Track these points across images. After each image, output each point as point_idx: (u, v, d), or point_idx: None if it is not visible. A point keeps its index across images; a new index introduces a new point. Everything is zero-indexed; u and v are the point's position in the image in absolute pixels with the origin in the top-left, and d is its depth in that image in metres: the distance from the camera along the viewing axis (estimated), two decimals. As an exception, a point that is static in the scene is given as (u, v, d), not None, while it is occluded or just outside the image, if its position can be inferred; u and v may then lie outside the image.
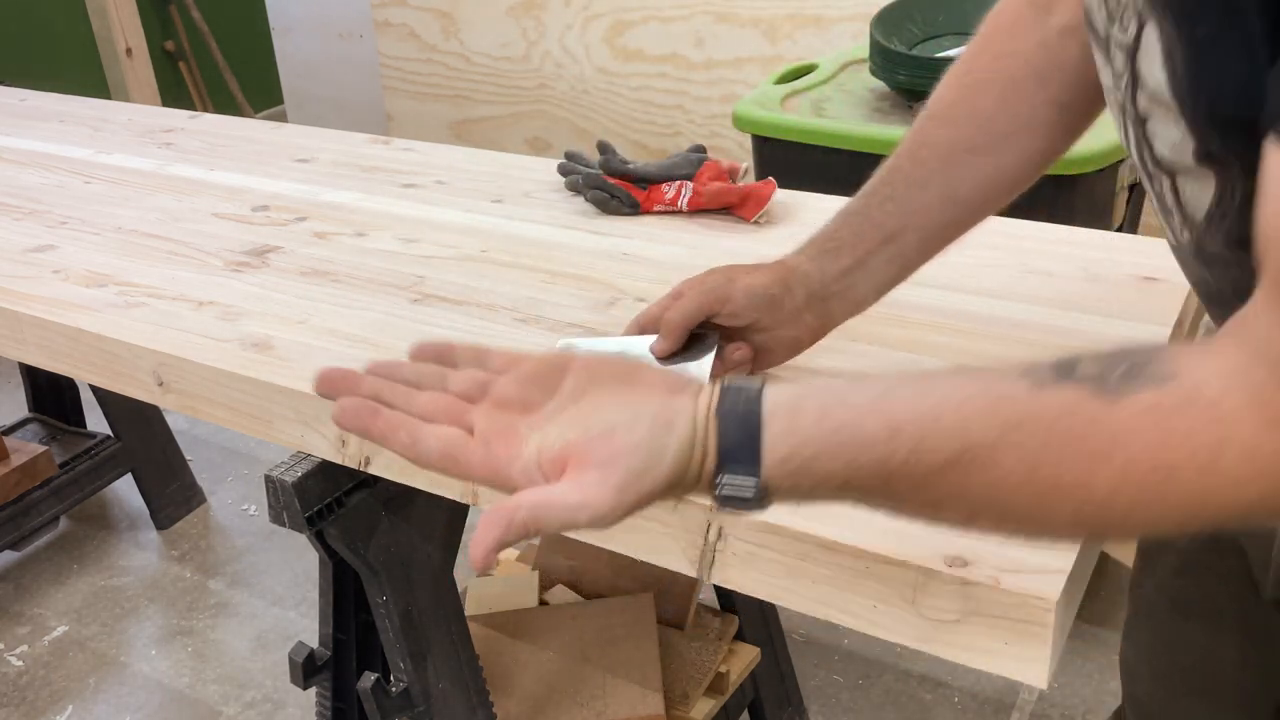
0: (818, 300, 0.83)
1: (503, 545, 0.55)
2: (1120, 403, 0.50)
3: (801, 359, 0.88)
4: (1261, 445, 0.48)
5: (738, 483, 0.56)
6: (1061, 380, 0.52)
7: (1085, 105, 0.81)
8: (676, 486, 0.57)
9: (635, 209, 1.27)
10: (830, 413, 0.55)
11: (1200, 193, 0.60)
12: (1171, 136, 0.59)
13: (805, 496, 0.57)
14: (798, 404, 0.56)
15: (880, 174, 0.86)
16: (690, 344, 0.83)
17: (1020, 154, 0.83)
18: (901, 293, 1.04)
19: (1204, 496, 0.49)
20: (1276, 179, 0.49)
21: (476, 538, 0.55)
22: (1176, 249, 0.67)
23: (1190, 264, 0.67)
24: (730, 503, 0.57)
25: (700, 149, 1.32)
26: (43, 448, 2.20)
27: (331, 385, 0.64)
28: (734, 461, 0.56)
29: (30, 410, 2.43)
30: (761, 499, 0.57)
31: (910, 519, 0.57)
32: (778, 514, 0.71)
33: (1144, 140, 0.62)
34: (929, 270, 1.08)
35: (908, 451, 0.53)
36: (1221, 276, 0.63)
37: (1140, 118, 0.61)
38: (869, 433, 0.54)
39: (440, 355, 0.67)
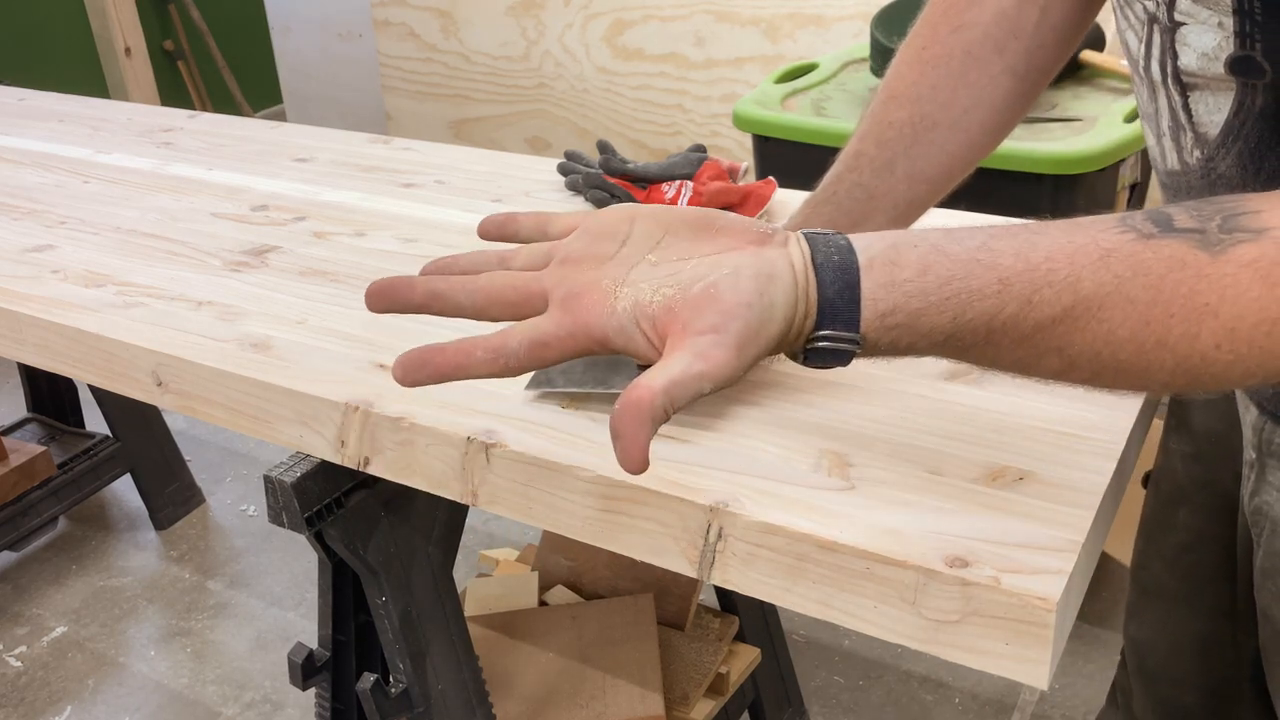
0: None
1: (651, 437, 0.52)
2: (1224, 257, 0.50)
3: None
4: None
5: (839, 337, 0.55)
6: (1164, 233, 0.51)
7: (1041, 71, 0.82)
8: (783, 340, 0.55)
9: (635, 209, 1.26)
10: (931, 266, 0.53)
11: (1216, 107, 0.60)
12: (1205, 44, 0.58)
13: (901, 352, 0.56)
14: (895, 255, 0.54)
15: (845, 160, 0.85)
16: None
17: (980, 126, 0.83)
18: (902, 292, 1.04)
19: None
20: None
21: (626, 444, 0.52)
22: (1179, 174, 0.67)
23: (1191, 189, 0.67)
24: (828, 358, 0.56)
25: (700, 149, 1.32)
26: (42, 448, 2.20)
27: (383, 298, 0.60)
28: (834, 316, 0.54)
29: (29, 410, 2.42)
30: (860, 352, 0.55)
31: (993, 369, 0.56)
32: (778, 514, 0.71)
33: (1169, 50, 0.62)
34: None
35: (1018, 305, 0.52)
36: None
37: (1173, 25, 0.61)
38: (976, 286, 0.52)
39: (503, 227, 0.64)
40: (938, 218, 1.21)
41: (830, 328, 0.55)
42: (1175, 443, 0.94)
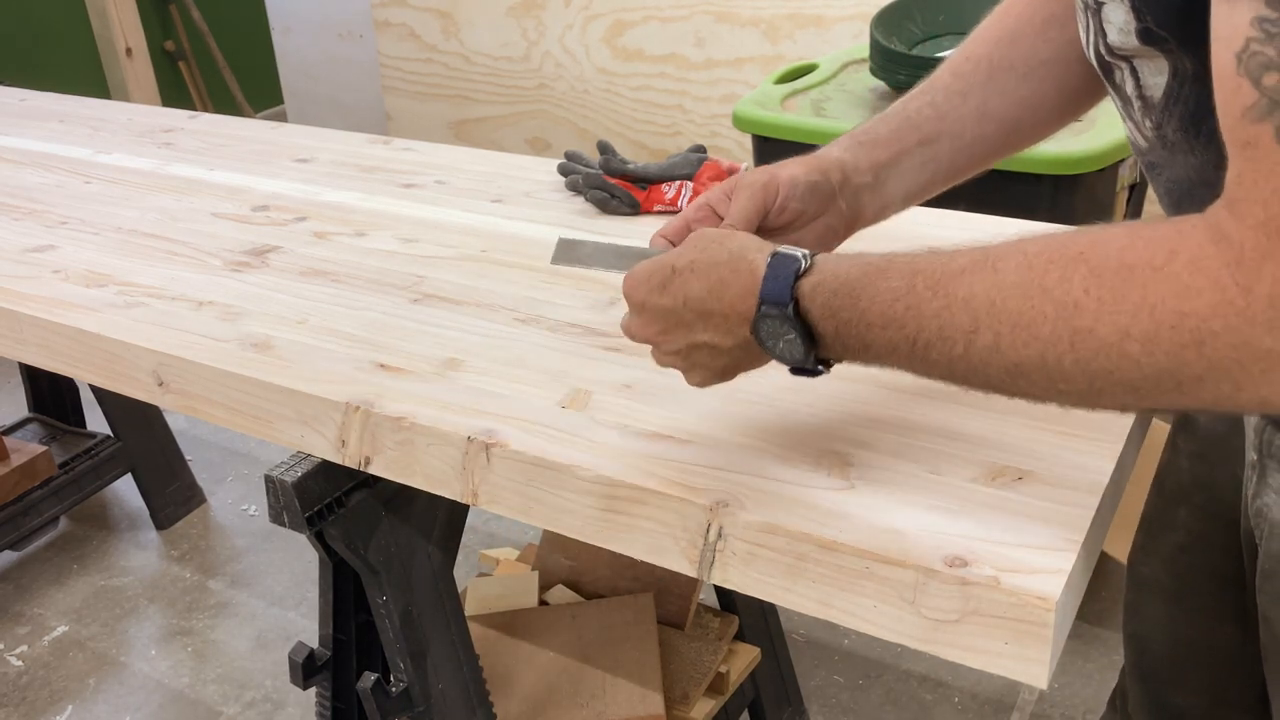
0: (850, 188, 0.83)
1: None
2: (1110, 228, 0.56)
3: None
4: (1207, 256, 0.52)
5: (790, 249, 0.67)
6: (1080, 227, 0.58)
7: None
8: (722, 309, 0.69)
9: (635, 209, 1.27)
10: (868, 254, 0.65)
11: (1156, 75, 0.64)
12: (1118, 19, 0.63)
13: (838, 285, 0.64)
14: (838, 257, 0.66)
15: (921, 85, 0.87)
16: None
17: (1055, 84, 0.85)
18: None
19: (1159, 300, 0.52)
20: (1219, 34, 0.52)
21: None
22: (1147, 151, 0.71)
23: (1161, 163, 0.70)
24: (777, 267, 0.66)
25: (700, 149, 1.32)
26: (43, 448, 2.20)
27: None
28: (768, 294, 0.66)
29: (30, 410, 2.42)
30: (807, 266, 0.65)
31: (927, 343, 0.61)
32: (778, 514, 0.72)
33: (1100, 30, 0.66)
34: (929, 270, 1.08)
35: (938, 256, 0.61)
36: (1185, 165, 0.67)
37: (1097, 6, 0.65)
38: (902, 253, 0.64)
39: None
40: (938, 219, 1.21)
41: (766, 298, 0.66)
42: (1182, 441, 0.94)
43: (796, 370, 0.69)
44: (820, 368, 0.68)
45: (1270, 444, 0.77)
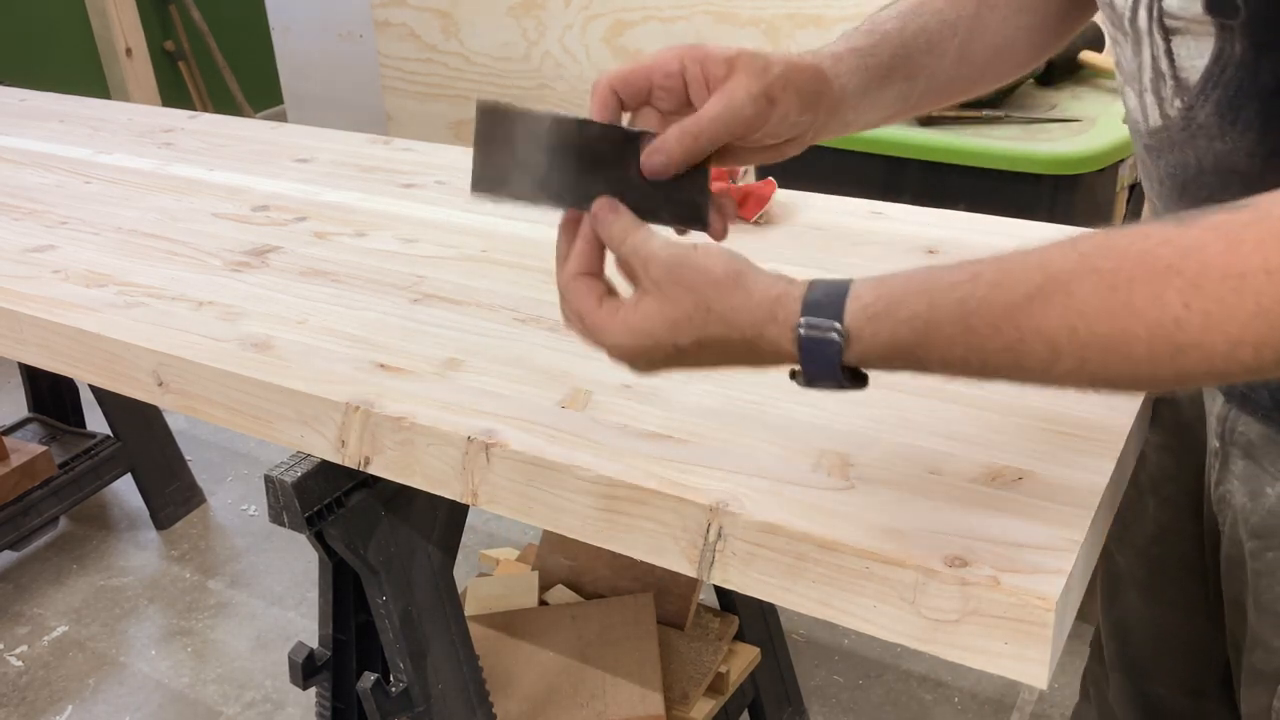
0: (829, 105, 0.75)
1: None
2: (1191, 224, 0.51)
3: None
4: None
5: (820, 324, 0.59)
6: (1134, 225, 0.53)
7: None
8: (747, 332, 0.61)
9: (635, 209, 1.26)
10: (914, 274, 0.58)
11: (1197, 53, 0.62)
12: None
13: (888, 349, 0.58)
14: (887, 274, 0.59)
15: (910, 3, 0.82)
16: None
17: (1028, 36, 0.83)
18: (901, 293, 1.04)
19: (1273, 304, 0.49)
20: None
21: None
22: (1160, 130, 0.68)
23: (1170, 146, 0.68)
24: (815, 351, 0.59)
25: (700, 149, 1.32)
26: (42, 448, 2.20)
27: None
28: (817, 309, 0.59)
29: (30, 410, 2.42)
30: (844, 346, 0.58)
31: (994, 375, 0.57)
32: (778, 514, 0.72)
33: None
34: (929, 270, 1.08)
35: (989, 287, 0.55)
36: (1205, 151, 0.65)
37: None
38: (951, 277, 0.57)
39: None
40: (938, 218, 1.21)
41: (811, 315, 0.59)
42: (1150, 433, 0.94)
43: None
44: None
45: (1233, 430, 0.77)
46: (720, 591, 1.58)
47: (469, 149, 0.71)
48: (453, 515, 1.10)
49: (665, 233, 0.69)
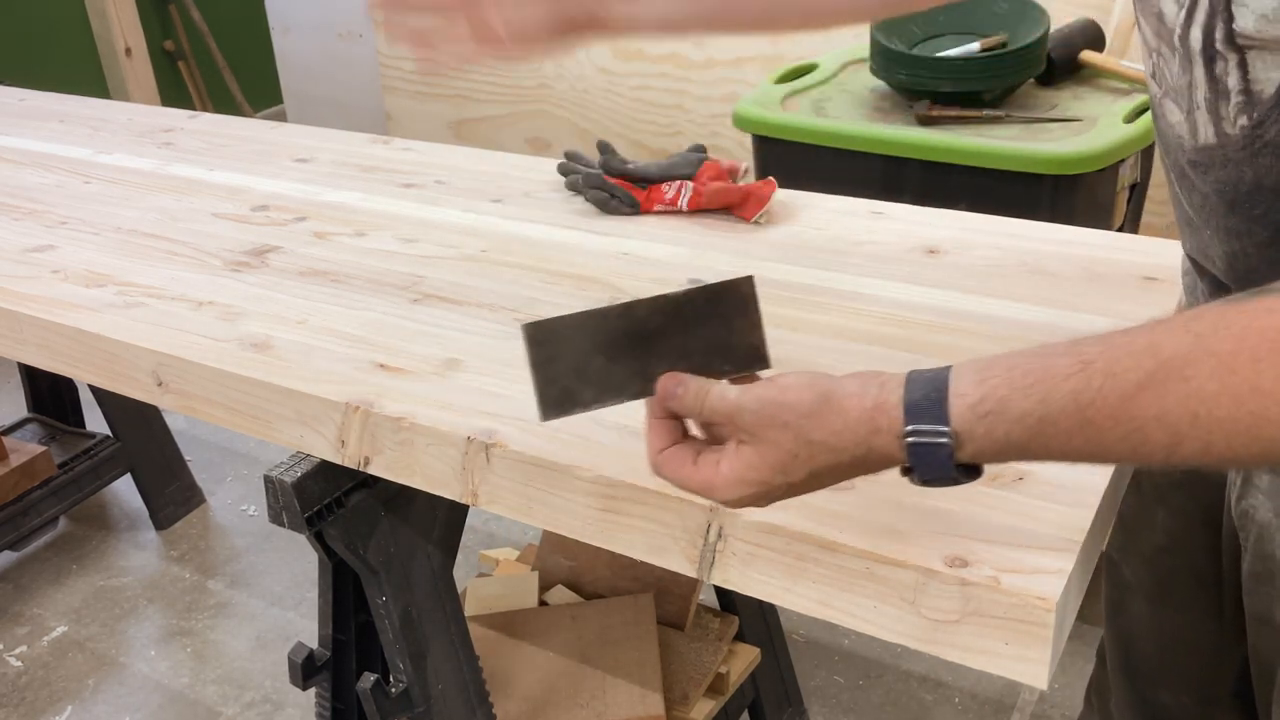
0: None
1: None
2: None
3: (805, 358, 0.87)
4: None
5: (927, 431, 0.56)
6: (1251, 296, 0.52)
7: None
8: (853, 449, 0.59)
9: (635, 209, 1.27)
10: (1017, 364, 0.56)
11: (1273, 68, 0.60)
12: (1264, 5, 0.58)
13: (1007, 449, 0.56)
14: (985, 362, 0.57)
15: None
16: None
17: None
18: (903, 292, 1.04)
19: None
20: None
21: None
22: (1214, 148, 0.66)
23: (1228, 161, 0.66)
24: (924, 456, 0.56)
25: (700, 149, 1.32)
26: (42, 448, 2.20)
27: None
28: (919, 414, 0.56)
29: (30, 410, 2.42)
30: (956, 448, 0.56)
31: (1118, 460, 0.56)
32: (778, 514, 0.71)
33: (1223, 11, 0.61)
34: (929, 270, 1.08)
35: (1102, 378, 0.53)
36: (1268, 168, 0.63)
37: None
38: (1060, 368, 0.54)
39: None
40: (938, 218, 1.21)
41: (916, 423, 0.57)
42: None
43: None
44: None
45: None
46: (720, 591, 1.58)
47: (469, 148, 0.72)
48: (453, 515, 1.10)
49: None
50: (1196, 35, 0.64)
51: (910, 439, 0.57)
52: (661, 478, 0.67)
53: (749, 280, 0.68)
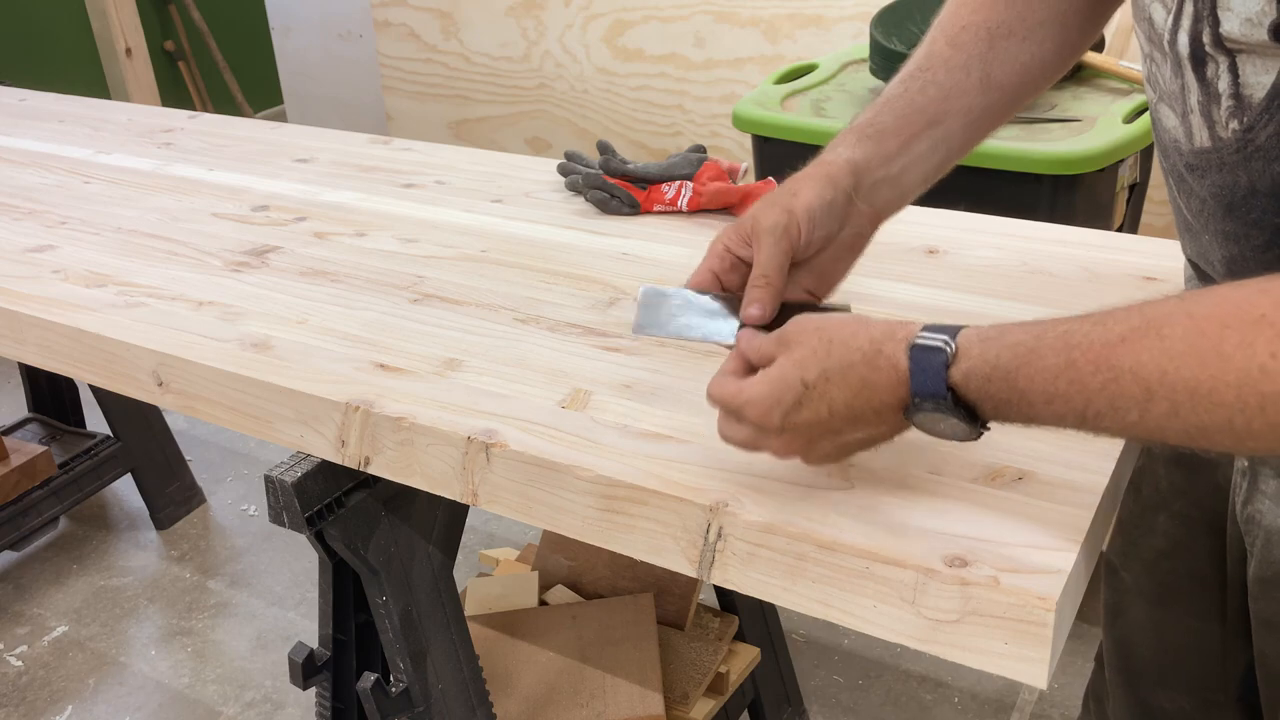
0: (866, 188, 0.81)
1: None
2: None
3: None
4: None
5: (932, 335, 0.62)
6: (1254, 279, 0.54)
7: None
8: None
9: (635, 209, 1.27)
10: (1019, 321, 0.62)
11: (1263, 72, 0.60)
12: (1249, 8, 0.59)
13: (992, 369, 0.61)
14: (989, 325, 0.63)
15: (917, 59, 0.84)
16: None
17: (1054, 42, 0.83)
18: (903, 292, 1.04)
19: None
20: None
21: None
22: (1209, 152, 0.67)
23: (1223, 166, 0.66)
24: (922, 360, 0.62)
25: (700, 149, 1.32)
26: (42, 448, 2.20)
27: None
28: (934, 327, 0.63)
29: (30, 410, 2.42)
30: (951, 358, 0.61)
31: (1097, 420, 0.58)
32: (778, 514, 0.72)
33: (1209, 16, 0.62)
34: (929, 270, 1.08)
35: (1091, 325, 0.58)
36: (1261, 172, 0.63)
37: None
38: (1059, 319, 0.60)
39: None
40: (938, 218, 1.21)
41: (927, 332, 0.63)
42: (1158, 447, 0.94)
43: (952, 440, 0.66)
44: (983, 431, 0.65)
45: None
46: (720, 591, 1.58)
47: (468, 149, 0.73)
48: (453, 515, 1.10)
49: None
50: (1184, 40, 0.64)
51: (916, 340, 0.63)
52: (709, 399, 0.72)
53: (847, 307, 0.78)
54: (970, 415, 0.63)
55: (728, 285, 0.81)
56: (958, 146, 0.84)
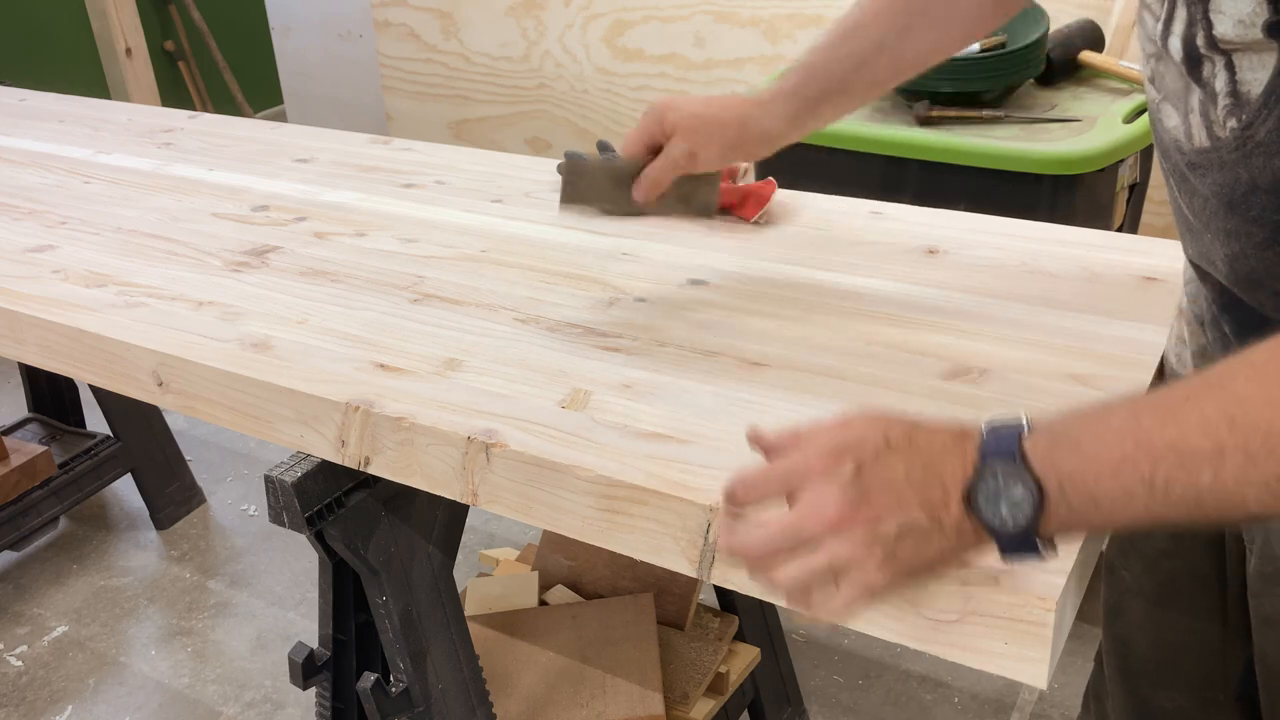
0: (759, 132, 0.99)
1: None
2: None
3: (805, 358, 0.87)
4: None
5: (1005, 417, 0.60)
6: None
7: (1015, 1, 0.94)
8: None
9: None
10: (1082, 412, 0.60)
11: (1259, 69, 0.61)
12: (1241, 10, 0.59)
13: (1059, 436, 0.58)
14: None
15: (845, 23, 0.98)
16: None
17: (960, 31, 0.96)
18: (903, 292, 1.04)
19: None
20: None
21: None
22: (1209, 151, 0.67)
23: (1223, 164, 0.66)
24: (998, 430, 0.59)
25: (700, 149, 1.32)
26: (42, 448, 2.20)
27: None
28: (993, 451, 0.59)
29: (30, 410, 2.42)
30: (1024, 431, 0.59)
31: (1168, 487, 0.55)
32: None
33: (1202, 20, 0.62)
34: (929, 270, 1.08)
35: (1156, 393, 0.58)
36: (1262, 169, 0.63)
37: None
38: (1114, 399, 0.59)
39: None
40: (938, 218, 1.21)
41: (995, 421, 0.60)
42: (1234, 525, 0.94)
43: (1013, 549, 0.60)
44: (1039, 542, 0.59)
45: None
46: (720, 591, 1.58)
47: (468, 149, 0.74)
48: (453, 515, 1.10)
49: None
50: (1176, 45, 0.65)
51: (989, 423, 0.60)
52: (753, 440, 0.69)
53: (718, 173, 1.03)
54: (1040, 490, 0.58)
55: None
56: (853, 108, 1.01)
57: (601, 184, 1.01)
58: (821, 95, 0.97)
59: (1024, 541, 0.58)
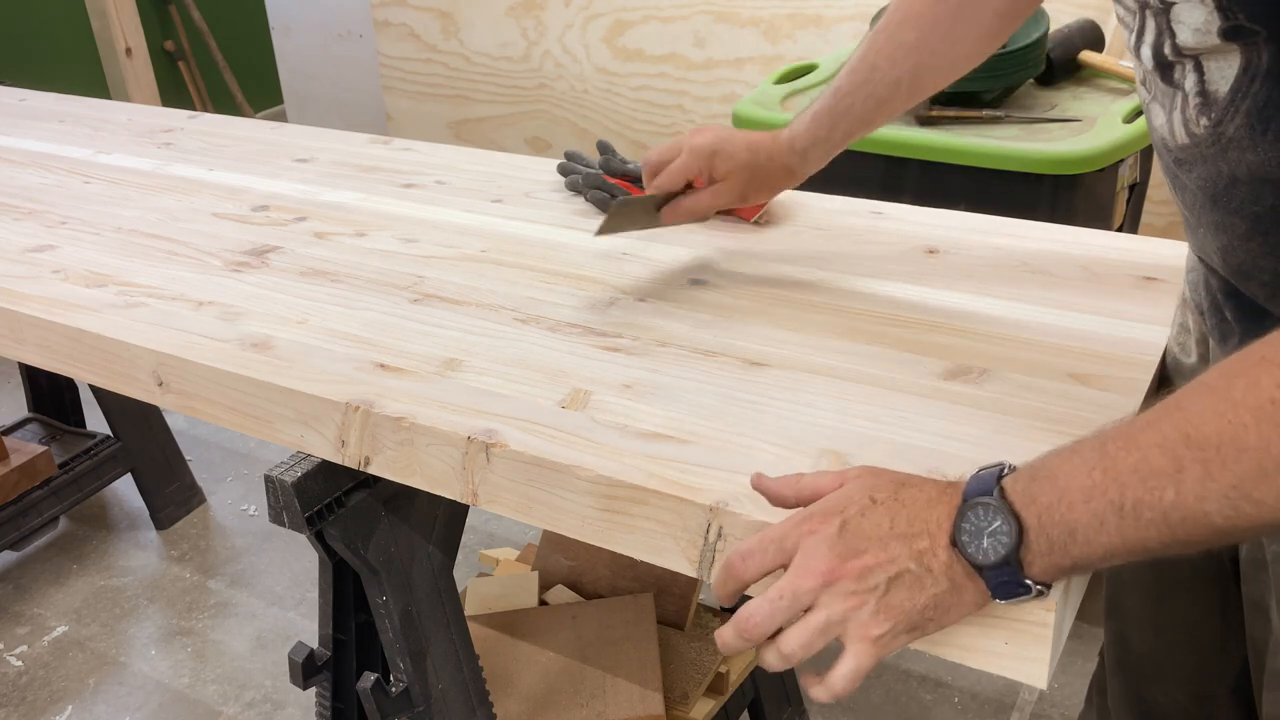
0: (797, 154, 1.07)
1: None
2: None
3: (805, 358, 0.87)
4: None
5: (988, 467, 0.63)
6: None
7: (1019, 14, 0.99)
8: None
9: (635, 209, 1.27)
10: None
11: (1225, 69, 0.64)
12: (1196, 20, 0.63)
13: (1035, 472, 0.61)
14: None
15: (860, 70, 1.02)
16: None
17: (967, 55, 1.01)
18: (903, 292, 1.04)
19: None
20: None
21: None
22: (1188, 147, 0.69)
23: (1200, 160, 0.69)
24: (979, 478, 0.62)
25: (700, 149, 1.32)
26: (42, 448, 2.20)
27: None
28: (975, 491, 0.62)
29: (30, 410, 2.42)
30: (1005, 471, 0.62)
31: (1137, 511, 0.57)
32: (777, 513, 0.72)
33: (1166, 30, 0.66)
34: (929, 270, 1.08)
35: (1122, 422, 0.59)
36: (1238, 163, 0.66)
37: (1165, 6, 0.65)
38: (1085, 436, 0.61)
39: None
40: (938, 219, 1.21)
41: (969, 495, 0.62)
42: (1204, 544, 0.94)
43: (1002, 586, 0.62)
44: (1025, 578, 0.61)
45: None
46: (720, 591, 1.58)
47: (468, 149, 0.73)
48: (453, 515, 1.10)
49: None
50: (1147, 54, 0.69)
51: (973, 474, 0.63)
52: (758, 487, 0.72)
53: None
54: (1018, 523, 0.60)
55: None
56: (866, 133, 1.07)
57: (638, 216, 1.11)
58: (846, 136, 1.05)
59: (1011, 576, 0.61)
